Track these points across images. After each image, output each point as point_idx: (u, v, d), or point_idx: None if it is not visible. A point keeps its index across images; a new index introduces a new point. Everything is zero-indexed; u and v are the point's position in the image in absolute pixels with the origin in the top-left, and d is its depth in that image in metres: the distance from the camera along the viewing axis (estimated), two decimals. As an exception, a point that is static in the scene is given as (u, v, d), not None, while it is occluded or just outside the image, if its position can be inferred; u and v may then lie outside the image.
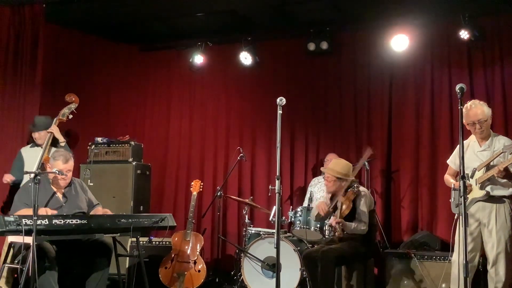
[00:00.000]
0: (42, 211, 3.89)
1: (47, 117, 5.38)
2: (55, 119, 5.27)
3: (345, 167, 4.54)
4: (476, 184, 4.05)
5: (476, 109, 4.04)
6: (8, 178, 5.13)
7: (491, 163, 3.99)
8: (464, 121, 4.04)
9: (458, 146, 3.52)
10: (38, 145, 5.26)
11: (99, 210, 4.33)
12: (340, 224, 4.28)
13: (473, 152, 4.14)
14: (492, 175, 3.91)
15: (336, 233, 4.35)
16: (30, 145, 5.38)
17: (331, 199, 4.67)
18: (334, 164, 4.62)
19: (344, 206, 4.40)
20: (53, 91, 6.08)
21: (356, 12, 6.03)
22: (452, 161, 4.35)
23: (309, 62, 6.54)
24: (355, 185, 4.46)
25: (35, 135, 5.29)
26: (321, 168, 5.21)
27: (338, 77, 6.45)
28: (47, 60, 6.01)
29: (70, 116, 5.36)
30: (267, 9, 6.02)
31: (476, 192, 4.05)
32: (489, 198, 4.01)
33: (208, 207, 6.10)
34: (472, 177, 4.09)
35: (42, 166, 4.83)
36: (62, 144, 5.23)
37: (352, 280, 4.84)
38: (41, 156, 4.93)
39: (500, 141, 4.07)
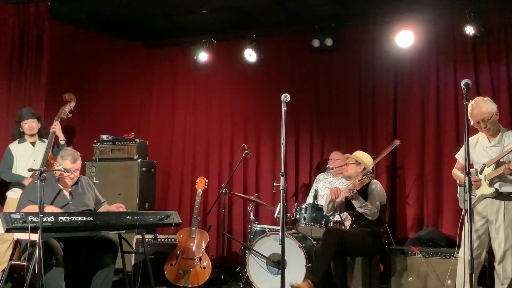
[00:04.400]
0: (49, 208, 3.90)
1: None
2: (56, 117, 5.23)
3: (367, 157, 4.79)
4: (485, 181, 4.02)
5: (479, 108, 3.99)
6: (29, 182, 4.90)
7: (501, 160, 3.95)
8: (470, 120, 4.01)
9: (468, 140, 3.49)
10: (26, 140, 5.14)
11: (112, 207, 4.33)
12: (353, 191, 4.37)
13: (482, 148, 4.10)
14: (502, 172, 3.88)
15: (346, 194, 4.50)
16: (17, 141, 5.19)
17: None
18: (358, 152, 4.89)
19: (356, 183, 4.53)
20: (58, 88, 6.08)
21: (360, 8, 6.01)
22: (461, 155, 4.29)
23: (314, 58, 6.52)
24: (370, 174, 4.58)
25: (27, 125, 5.11)
26: (330, 169, 5.32)
27: (342, 74, 6.44)
28: (52, 57, 6.02)
29: (70, 115, 5.34)
30: (272, 5, 6.01)
31: (485, 189, 4.01)
32: (498, 195, 3.98)
33: (213, 204, 6.10)
34: (481, 173, 4.05)
35: (47, 163, 4.84)
36: (62, 142, 5.20)
37: (358, 276, 4.85)
38: (45, 153, 4.93)
39: (510, 137, 4.01)
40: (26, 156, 5.09)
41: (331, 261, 4.48)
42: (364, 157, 4.78)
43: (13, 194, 4.98)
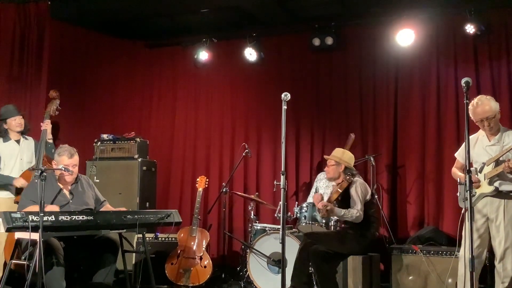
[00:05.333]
0: (51, 207, 3.90)
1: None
2: (46, 115, 5.10)
3: (346, 155, 4.62)
4: (484, 179, 4.02)
5: (483, 106, 3.98)
6: (21, 182, 4.80)
7: (500, 159, 3.94)
8: (472, 118, 4.01)
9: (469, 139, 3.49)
10: (10, 139, 4.97)
11: (109, 207, 4.33)
12: (326, 207, 4.28)
13: (482, 147, 4.10)
14: (501, 170, 3.88)
15: (320, 214, 4.41)
16: (2, 140, 4.97)
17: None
18: (336, 151, 4.73)
19: (333, 191, 4.43)
20: (59, 88, 6.06)
21: (361, 7, 6.01)
22: (460, 154, 4.30)
23: (314, 57, 6.52)
24: (349, 174, 4.48)
25: (16, 121, 4.95)
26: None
27: (343, 72, 6.44)
28: (53, 57, 6.03)
29: (57, 112, 5.22)
30: (272, 4, 6.01)
31: (485, 187, 4.01)
32: (497, 193, 3.98)
33: (214, 203, 6.11)
34: (480, 172, 4.05)
35: (42, 162, 4.81)
36: (50, 141, 5.07)
37: (358, 275, 4.84)
38: (39, 152, 4.86)
39: (510, 136, 4.02)
40: (13, 155, 4.94)
41: (310, 265, 4.46)
42: (343, 156, 4.60)
43: (5, 194, 4.86)
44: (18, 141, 5.04)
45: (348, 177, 4.46)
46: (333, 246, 4.36)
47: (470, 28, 5.60)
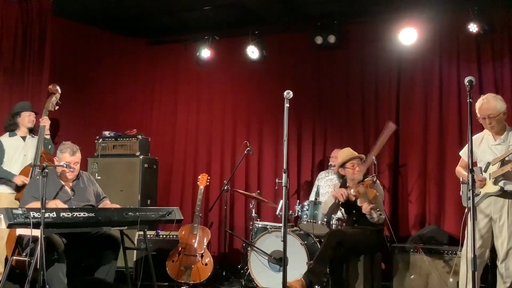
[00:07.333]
0: (53, 203, 3.91)
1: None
2: (45, 110, 5.14)
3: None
4: (489, 179, 4.00)
5: (488, 104, 3.99)
6: (21, 179, 4.82)
7: (506, 158, 3.93)
8: (477, 115, 4.01)
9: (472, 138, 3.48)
10: (16, 134, 5.07)
11: (107, 204, 4.35)
12: (373, 209, 4.34)
13: (487, 146, 4.09)
14: (508, 170, 3.87)
15: (374, 219, 4.39)
16: (8, 134, 5.09)
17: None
18: (347, 150, 4.76)
19: (369, 193, 4.41)
20: (61, 85, 6.07)
21: (363, 5, 5.99)
22: (465, 153, 4.25)
23: (317, 55, 6.51)
24: (372, 174, 4.54)
25: (31, 116, 5.09)
26: (332, 167, 5.21)
27: (345, 71, 6.42)
28: (55, 54, 6.02)
29: (57, 107, 5.25)
30: (274, 2, 6.00)
31: (490, 187, 4.00)
32: (502, 193, 3.97)
33: (215, 201, 6.11)
34: (485, 171, 4.04)
35: (40, 159, 4.82)
36: (47, 137, 5.12)
37: (360, 274, 4.83)
38: (37, 147, 4.90)
39: None
40: (17, 150, 5.01)
41: (328, 264, 4.48)
42: (356, 152, 4.75)
43: (5, 189, 4.89)
44: (24, 138, 5.13)
45: (374, 179, 4.51)
46: (360, 244, 4.44)
47: (473, 27, 5.58)
